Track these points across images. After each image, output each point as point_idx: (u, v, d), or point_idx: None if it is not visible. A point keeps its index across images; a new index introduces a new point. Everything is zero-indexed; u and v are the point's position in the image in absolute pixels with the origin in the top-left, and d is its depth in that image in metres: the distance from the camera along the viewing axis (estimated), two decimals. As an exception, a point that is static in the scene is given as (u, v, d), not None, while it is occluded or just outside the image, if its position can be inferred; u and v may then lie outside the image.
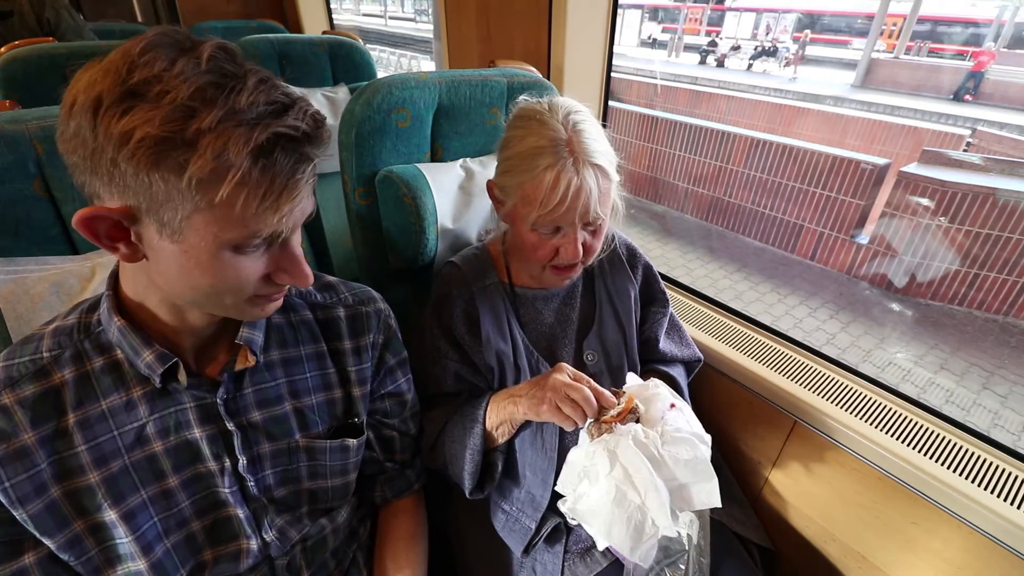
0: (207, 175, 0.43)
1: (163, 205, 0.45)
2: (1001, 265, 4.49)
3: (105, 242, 0.48)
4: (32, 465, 0.53)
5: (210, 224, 0.46)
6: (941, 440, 0.94)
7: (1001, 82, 12.22)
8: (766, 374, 1.09)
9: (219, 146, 0.42)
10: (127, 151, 0.42)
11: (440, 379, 0.87)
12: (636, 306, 0.99)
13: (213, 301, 0.53)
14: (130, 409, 0.57)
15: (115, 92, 0.42)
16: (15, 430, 0.52)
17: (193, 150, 0.42)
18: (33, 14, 2.27)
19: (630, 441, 0.67)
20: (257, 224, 0.48)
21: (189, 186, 0.44)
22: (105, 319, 0.56)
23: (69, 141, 0.45)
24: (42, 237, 0.69)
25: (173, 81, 0.42)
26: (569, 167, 0.73)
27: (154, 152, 0.42)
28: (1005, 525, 0.81)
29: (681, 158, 6.48)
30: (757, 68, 16.34)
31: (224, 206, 0.45)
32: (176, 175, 0.43)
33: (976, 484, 0.86)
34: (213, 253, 0.48)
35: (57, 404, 0.54)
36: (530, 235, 0.80)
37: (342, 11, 25.98)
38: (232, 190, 0.44)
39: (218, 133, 0.42)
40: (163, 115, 0.41)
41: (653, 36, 21.53)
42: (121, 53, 0.43)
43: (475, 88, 1.03)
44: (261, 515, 0.66)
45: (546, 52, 1.39)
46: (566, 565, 0.86)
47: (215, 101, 0.43)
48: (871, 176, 4.98)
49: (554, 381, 0.73)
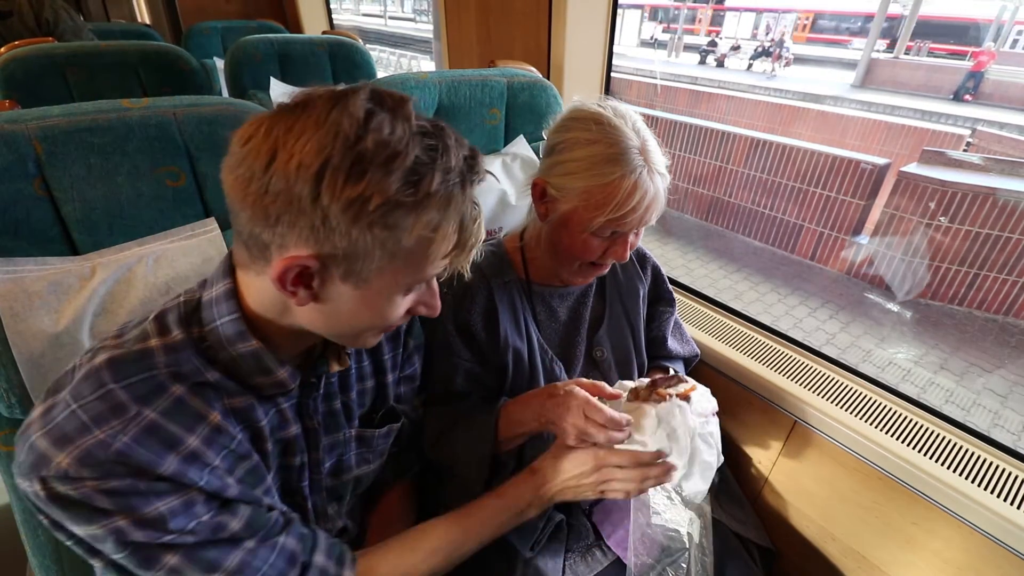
0: (423, 232, 0.47)
1: (363, 257, 0.47)
2: (1001, 265, 4.49)
3: (288, 288, 0.49)
4: (208, 462, 0.53)
5: (397, 272, 0.50)
6: (941, 440, 0.94)
7: (1001, 82, 12.23)
8: (766, 374, 1.09)
9: (442, 206, 0.48)
10: (352, 212, 0.44)
11: (450, 377, 0.87)
12: (644, 304, 1.01)
13: (354, 334, 0.57)
14: (249, 412, 0.57)
15: (347, 157, 0.43)
16: (185, 435, 0.51)
17: (421, 212, 0.46)
18: (32, 14, 2.27)
19: (688, 411, 0.72)
20: (434, 269, 0.53)
21: (398, 242, 0.47)
22: (227, 338, 0.54)
23: (265, 194, 0.45)
24: (42, 237, 0.69)
25: (398, 146, 0.45)
26: (645, 176, 0.75)
27: (383, 214, 0.45)
28: (1005, 525, 0.81)
29: (681, 158, 6.48)
30: (757, 68, 16.35)
31: (419, 258, 0.50)
32: (391, 232, 0.46)
33: (976, 484, 0.86)
34: (388, 296, 0.52)
35: (188, 412, 0.52)
36: (585, 237, 0.79)
37: (342, 11, 25.98)
38: (438, 243, 0.50)
39: (441, 195, 0.47)
40: (396, 181, 0.44)
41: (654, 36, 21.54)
42: (344, 115, 0.44)
43: (475, 88, 1.03)
44: (321, 506, 0.70)
45: (546, 52, 1.39)
46: (567, 564, 0.86)
47: (434, 164, 0.46)
48: (871, 176, 4.98)
49: (574, 409, 0.73)
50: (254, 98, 1.95)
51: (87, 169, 0.69)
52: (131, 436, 0.46)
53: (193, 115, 0.75)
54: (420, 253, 0.49)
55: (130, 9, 4.15)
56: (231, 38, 2.62)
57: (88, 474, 0.45)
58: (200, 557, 0.51)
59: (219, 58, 2.49)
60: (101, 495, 0.46)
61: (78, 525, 0.47)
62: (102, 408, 0.47)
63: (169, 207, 0.76)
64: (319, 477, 0.68)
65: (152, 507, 0.47)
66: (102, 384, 0.48)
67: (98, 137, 0.69)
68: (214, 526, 0.52)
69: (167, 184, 0.75)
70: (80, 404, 0.47)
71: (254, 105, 0.82)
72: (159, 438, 0.48)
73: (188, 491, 0.50)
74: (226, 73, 2.04)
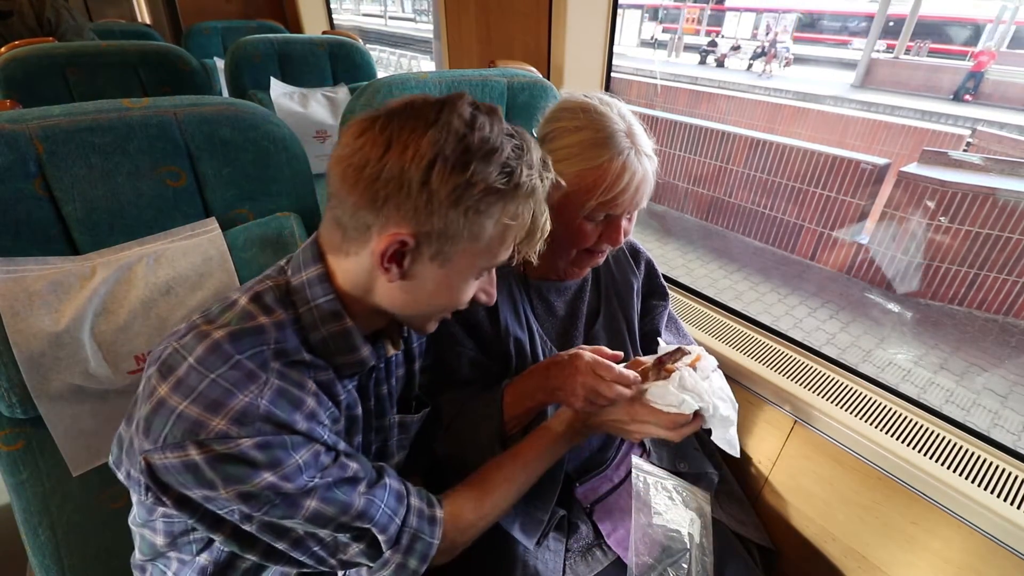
0: (508, 219, 0.55)
1: (452, 238, 0.54)
2: (1001, 265, 4.49)
3: (384, 263, 0.55)
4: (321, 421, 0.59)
5: (476, 255, 0.56)
6: (941, 440, 0.94)
7: (1001, 82, 12.23)
8: (766, 374, 1.09)
9: (527, 196, 0.55)
10: (455, 196, 0.51)
11: (455, 367, 0.87)
12: (638, 299, 1.01)
13: (425, 314, 0.62)
14: (331, 387, 0.62)
15: (456, 149, 0.51)
16: (305, 397, 0.56)
17: (509, 200, 0.54)
18: (33, 14, 2.27)
19: (698, 376, 0.75)
20: (504, 255, 0.59)
21: (486, 226, 0.54)
22: (322, 317, 0.59)
23: (378, 179, 0.52)
24: (43, 237, 0.69)
25: (496, 143, 0.53)
26: (633, 157, 0.77)
27: (479, 199, 0.52)
28: (1005, 525, 0.81)
29: (681, 158, 6.48)
30: (757, 68, 16.35)
31: (498, 243, 0.57)
32: (483, 216, 0.54)
33: (976, 484, 0.86)
34: (464, 278, 0.59)
35: (294, 382, 0.57)
36: (579, 223, 0.81)
37: (342, 11, 25.98)
38: (516, 230, 0.57)
39: (527, 187, 0.55)
40: (495, 171, 0.52)
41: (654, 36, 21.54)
42: (453, 115, 0.52)
43: (475, 88, 1.03)
44: None
45: (546, 52, 1.39)
46: (567, 564, 0.86)
47: (521, 158, 0.54)
48: (871, 176, 4.98)
49: (583, 367, 0.75)
50: (254, 98, 1.95)
51: (88, 169, 0.69)
52: (268, 398, 0.52)
53: (193, 115, 0.75)
54: (498, 238, 0.56)
55: (130, 9, 4.16)
56: (231, 38, 2.62)
57: (244, 432, 0.51)
58: (333, 498, 0.56)
59: (219, 58, 2.49)
60: (256, 450, 0.51)
61: (232, 485, 0.51)
62: (238, 375, 0.52)
63: (169, 207, 0.76)
64: (367, 459, 0.70)
65: (292, 459, 0.53)
66: (229, 356, 0.53)
67: (99, 137, 0.69)
68: (339, 467, 0.58)
69: (167, 184, 0.75)
70: (218, 374, 0.51)
71: (254, 105, 0.82)
72: (287, 399, 0.54)
73: (315, 444, 0.56)
74: (226, 73, 2.03)
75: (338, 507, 0.57)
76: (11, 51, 1.37)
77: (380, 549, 0.61)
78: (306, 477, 0.54)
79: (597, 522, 0.91)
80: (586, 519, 0.91)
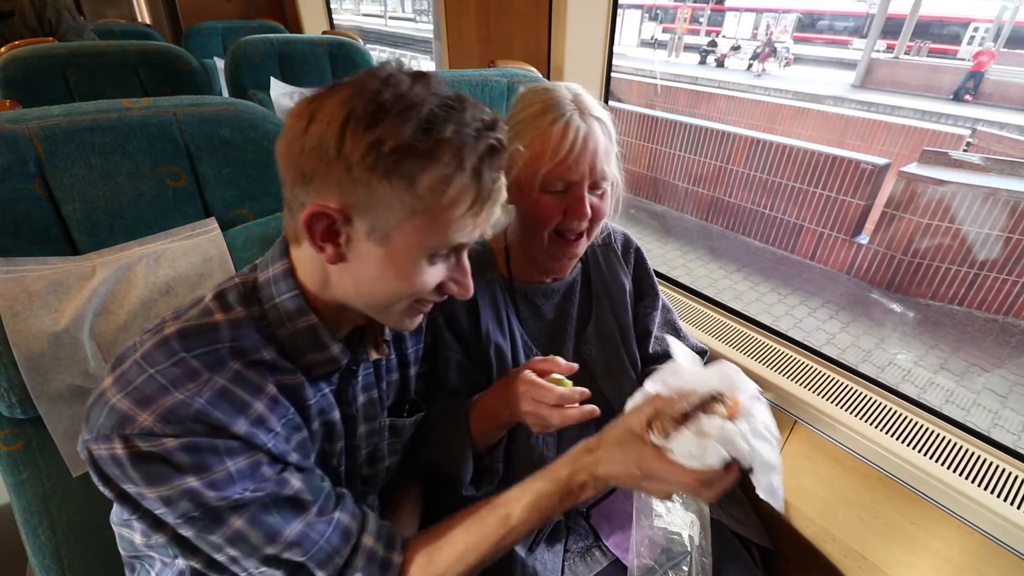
0: (436, 182, 0.50)
1: (382, 210, 0.50)
2: (1001, 265, 4.49)
3: (317, 242, 0.53)
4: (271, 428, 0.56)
5: (417, 230, 0.52)
6: (941, 440, 0.94)
7: (1001, 82, 12.23)
8: (766, 374, 1.09)
9: (455, 155, 0.49)
10: (370, 158, 0.48)
11: (443, 373, 0.87)
12: (631, 298, 0.99)
13: (384, 305, 0.58)
14: (298, 391, 0.60)
15: (368, 107, 0.48)
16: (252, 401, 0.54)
17: (431, 159, 0.49)
18: (34, 14, 2.27)
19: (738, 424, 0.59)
20: (456, 234, 0.53)
21: (415, 193, 0.50)
22: (287, 314, 0.58)
23: (302, 153, 0.50)
24: (42, 237, 0.69)
25: (415, 99, 0.49)
26: (577, 118, 0.77)
27: (397, 160, 0.48)
28: (1005, 525, 0.81)
29: (681, 158, 6.48)
30: (757, 68, 16.35)
31: (437, 213, 0.51)
32: (408, 182, 0.49)
33: (976, 484, 0.86)
34: (412, 259, 0.53)
35: (249, 384, 0.55)
36: (538, 198, 0.80)
37: (342, 11, 25.98)
38: (453, 197, 0.51)
39: (453, 144, 0.49)
40: (410, 127, 0.48)
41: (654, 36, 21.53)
42: (368, 77, 0.50)
43: (475, 88, 1.03)
44: (359, 492, 0.71)
45: (546, 52, 1.39)
46: (566, 564, 0.86)
47: (449, 116, 0.49)
48: (871, 176, 4.99)
49: (522, 392, 0.72)
50: (254, 98, 1.95)
51: (88, 169, 0.69)
52: (207, 398, 0.50)
53: (194, 115, 0.75)
54: (436, 208, 0.51)
55: (130, 9, 4.16)
56: (231, 38, 2.62)
57: (171, 431, 0.48)
58: (263, 522, 0.53)
59: (219, 58, 2.49)
60: (181, 451, 0.48)
61: (153, 486, 0.48)
62: (178, 372, 0.50)
63: (169, 207, 0.76)
64: (356, 464, 0.70)
65: (223, 466, 0.50)
66: (175, 352, 0.51)
67: (99, 137, 0.69)
68: (278, 482, 0.54)
69: (167, 184, 0.75)
70: (157, 369, 0.50)
71: (254, 105, 0.82)
72: (230, 401, 0.52)
73: (257, 452, 0.53)
74: (226, 73, 2.04)
75: (265, 533, 0.53)
76: (11, 51, 1.37)
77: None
78: (238, 488, 0.51)
79: (595, 525, 0.91)
80: (583, 523, 0.91)
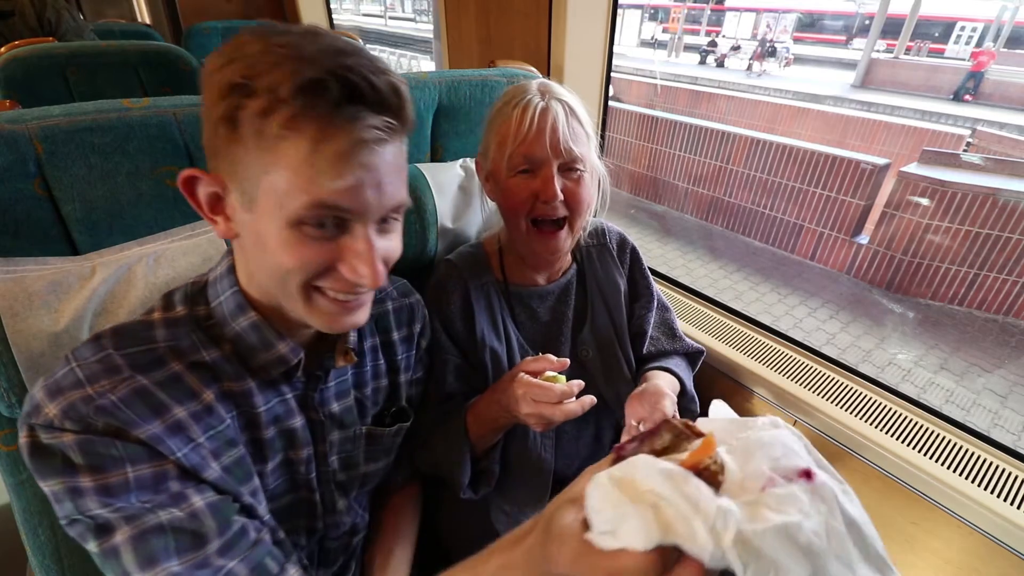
0: (257, 115, 0.45)
1: (242, 171, 0.48)
2: (1001, 265, 4.49)
3: (207, 213, 0.52)
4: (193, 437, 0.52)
5: (276, 188, 0.47)
6: (941, 440, 0.94)
7: (1001, 82, 12.23)
8: (766, 374, 1.09)
9: (271, 79, 0.44)
10: (217, 110, 0.46)
11: (442, 377, 0.87)
12: (626, 298, 0.98)
13: (278, 290, 0.53)
14: (246, 397, 0.58)
15: (221, 59, 0.46)
16: (174, 405, 0.51)
17: (253, 91, 0.44)
18: (34, 14, 2.27)
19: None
20: (318, 190, 0.46)
21: (257, 142, 0.45)
22: (230, 312, 0.56)
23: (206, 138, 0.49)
24: (42, 237, 0.69)
25: (261, 44, 0.45)
26: (537, 100, 0.80)
27: (239, 104, 0.45)
28: (1005, 525, 0.81)
29: (681, 158, 6.48)
30: (757, 68, 16.35)
31: (279, 159, 0.46)
32: (254, 127, 0.45)
33: (976, 484, 0.86)
34: (277, 226, 0.48)
35: (182, 387, 0.53)
36: (508, 183, 0.82)
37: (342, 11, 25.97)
38: (281, 131, 0.45)
39: (272, 67, 0.44)
40: (242, 65, 0.44)
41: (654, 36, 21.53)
42: (241, 33, 0.47)
43: (475, 88, 1.03)
44: (329, 498, 0.70)
45: (546, 52, 1.39)
46: (566, 565, 0.86)
47: (286, 47, 0.45)
48: (871, 176, 4.99)
49: (520, 395, 0.72)
50: (254, 98, 1.94)
51: (87, 169, 0.69)
52: (118, 396, 0.48)
53: (194, 115, 0.75)
54: (276, 153, 0.46)
55: (130, 9, 4.15)
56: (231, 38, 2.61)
57: (69, 426, 0.46)
58: (147, 543, 0.47)
59: (219, 58, 2.49)
60: (76, 448, 0.46)
61: (43, 479, 0.47)
62: (98, 368, 0.49)
63: (169, 207, 0.76)
64: (327, 470, 0.69)
65: (122, 471, 0.47)
66: (103, 348, 0.50)
67: (98, 137, 0.69)
68: (178, 497, 0.49)
69: (167, 184, 0.75)
70: (79, 363, 0.49)
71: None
72: (146, 403, 0.49)
73: (164, 462, 0.49)
74: (226, 73, 2.03)
75: (143, 557, 0.47)
76: (11, 51, 1.37)
77: None
78: (133, 499, 0.47)
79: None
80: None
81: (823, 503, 0.35)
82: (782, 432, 0.40)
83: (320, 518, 0.69)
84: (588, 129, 0.83)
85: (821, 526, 0.34)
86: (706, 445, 0.37)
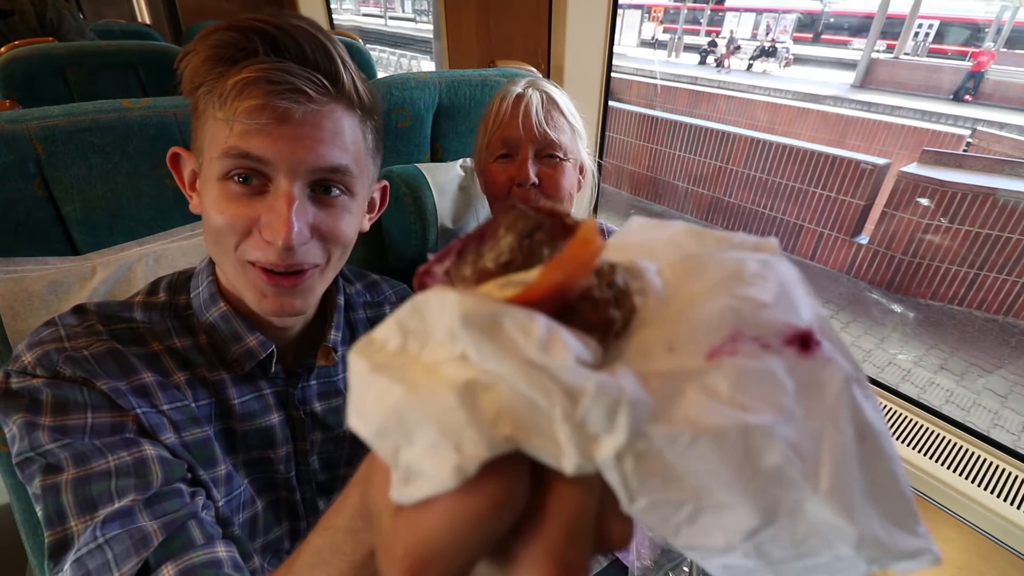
0: (205, 86, 0.50)
1: (198, 142, 0.52)
2: (1001, 265, 4.49)
3: (188, 191, 0.56)
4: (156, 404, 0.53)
5: (211, 145, 0.50)
6: (941, 440, 0.94)
7: (1001, 82, 12.23)
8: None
9: (212, 50, 0.48)
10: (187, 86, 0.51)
11: None
12: None
13: (221, 255, 0.53)
14: (222, 388, 0.58)
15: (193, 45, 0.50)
16: (144, 372, 0.53)
17: (196, 53, 0.49)
18: (35, 14, 2.26)
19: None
20: (236, 138, 0.48)
21: (199, 108, 0.51)
22: (204, 302, 0.58)
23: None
24: (42, 237, 0.69)
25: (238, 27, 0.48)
26: (519, 89, 0.83)
27: (191, 75, 0.50)
28: (1005, 525, 0.81)
29: (681, 158, 6.48)
30: (757, 68, 16.35)
31: (215, 118, 0.49)
32: (200, 102, 0.51)
33: (976, 484, 0.86)
34: (212, 185, 0.50)
35: (156, 363, 0.55)
36: (487, 167, 0.86)
37: (342, 11, 25.97)
38: (214, 88, 0.48)
39: (216, 37, 0.48)
40: (204, 46, 0.48)
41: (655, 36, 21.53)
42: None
43: (475, 88, 1.03)
44: (311, 499, 0.70)
45: (546, 52, 1.39)
46: (566, 565, 0.86)
47: (234, 23, 0.48)
48: (871, 176, 4.98)
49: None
50: (254, 98, 1.95)
51: (87, 169, 0.69)
52: (91, 352, 0.50)
53: (193, 115, 0.75)
54: (213, 113, 0.50)
55: (130, 9, 4.15)
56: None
57: (40, 372, 0.49)
58: (85, 489, 0.46)
59: (219, 58, 2.49)
60: (42, 390, 0.48)
61: (7, 417, 0.48)
62: (78, 330, 0.52)
63: (169, 207, 0.76)
64: (308, 469, 0.68)
65: (79, 415, 0.48)
66: (88, 317, 0.53)
67: (98, 137, 0.69)
68: (127, 441, 0.48)
69: (167, 184, 0.75)
70: (64, 324, 0.52)
71: (254, 105, 0.82)
72: (117, 363, 0.51)
73: (123, 415, 0.50)
74: (226, 73, 2.03)
75: (81, 502, 0.45)
76: (11, 51, 1.37)
77: None
78: (87, 440, 0.47)
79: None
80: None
81: (821, 398, 0.18)
82: (774, 261, 0.22)
83: (302, 519, 0.69)
84: (573, 122, 0.85)
85: (807, 438, 0.17)
86: (580, 246, 0.18)
